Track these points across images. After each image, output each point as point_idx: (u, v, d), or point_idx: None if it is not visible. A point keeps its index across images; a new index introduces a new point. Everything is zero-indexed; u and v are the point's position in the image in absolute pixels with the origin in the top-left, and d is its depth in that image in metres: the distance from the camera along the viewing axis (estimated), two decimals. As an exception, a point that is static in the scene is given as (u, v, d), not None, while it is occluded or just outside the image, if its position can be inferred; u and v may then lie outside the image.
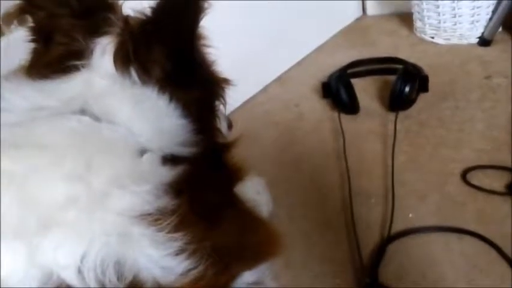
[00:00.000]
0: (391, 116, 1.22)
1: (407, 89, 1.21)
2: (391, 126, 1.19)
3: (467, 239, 0.89)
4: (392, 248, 0.90)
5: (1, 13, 0.80)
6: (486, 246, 0.87)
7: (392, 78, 1.28)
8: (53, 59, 0.62)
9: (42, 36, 0.65)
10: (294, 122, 1.31)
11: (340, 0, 1.65)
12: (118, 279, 0.44)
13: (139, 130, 0.57)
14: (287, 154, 1.19)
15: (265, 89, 1.44)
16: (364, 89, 1.34)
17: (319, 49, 1.59)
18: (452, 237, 0.90)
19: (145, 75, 0.59)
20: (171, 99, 0.60)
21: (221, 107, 0.70)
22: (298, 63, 1.53)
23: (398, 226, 0.93)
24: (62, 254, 0.44)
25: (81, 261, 0.44)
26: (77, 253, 0.44)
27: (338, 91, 1.28)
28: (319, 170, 1.13)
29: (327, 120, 1.28)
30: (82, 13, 0.64)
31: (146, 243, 0.46)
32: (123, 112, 0.57)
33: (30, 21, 0.66)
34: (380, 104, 1.29)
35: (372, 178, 1.07)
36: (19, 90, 0.58)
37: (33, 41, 0.66)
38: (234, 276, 0.55)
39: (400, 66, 1.29)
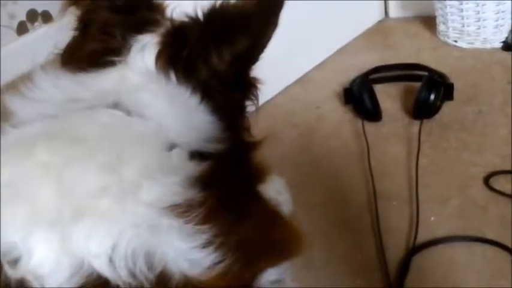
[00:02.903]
0: (414, 121, 1.21)
1: (432, 97, 1.19)
2: (413, 130, 1.18)
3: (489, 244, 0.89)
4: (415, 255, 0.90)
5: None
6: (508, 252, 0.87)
7: (415, 84, 1.26)
8: (90, 53, 0.63)
9: (81, 26, 0.67)
10: (314, 123, 1.31)
11: (362, 2, 1.65)
12: (148, 269, 0.45)
13: (170, 125, 0.58)
14: (307, 155, 1.19)
15: (286, 90, 1.43)
16: (387, 94, 1.33)
17: (341, 51, 1.58)
18: (475, 243, 0.90)
19: (188, 75, 0.60)
20: (205, 99, 0.60)
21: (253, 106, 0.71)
22: (320, 65, 1.52)
23: (420, 229, 0.93)
24: (94, 243, 0.45)
25: (113, 251, 0.45)
26: (108, 242, 0.45)
27: (360, 98, 1.26)
28: (339, 171, 1.13)
29: (347, 122, 1.28)
30: (124, 8, 0.65)
31: (175, 235, 0.47)
32: (154, 108, 0.58)
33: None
34: (403, 111, 1.28)
35: (393, 181, 1.06)
36: (56, 81, 0.59)
37: (74, 29, 0.68)
38: (257, 273, 0.55)
39: (424, 73, 1.27)
